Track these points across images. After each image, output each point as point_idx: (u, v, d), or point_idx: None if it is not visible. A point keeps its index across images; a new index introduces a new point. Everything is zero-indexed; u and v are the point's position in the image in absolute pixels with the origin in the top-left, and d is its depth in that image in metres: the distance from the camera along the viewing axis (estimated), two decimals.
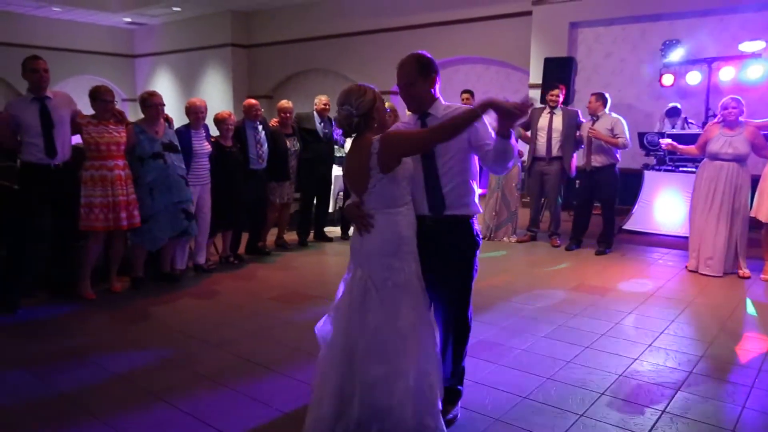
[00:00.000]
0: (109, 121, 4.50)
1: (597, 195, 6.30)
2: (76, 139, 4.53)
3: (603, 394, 3.01)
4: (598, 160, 6.13)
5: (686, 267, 5.57)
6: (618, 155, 6.17)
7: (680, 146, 5.70)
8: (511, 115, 2.28)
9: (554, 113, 6.48)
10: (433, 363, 2.44)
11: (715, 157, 5.28)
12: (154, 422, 2.73)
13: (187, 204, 4.82)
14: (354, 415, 2.37)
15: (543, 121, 6.51)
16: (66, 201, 4.40)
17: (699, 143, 5.47)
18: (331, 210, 7.01)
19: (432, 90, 2.53)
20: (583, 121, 6.41)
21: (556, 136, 6.44)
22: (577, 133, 6.36)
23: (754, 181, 5.29)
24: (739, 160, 5.21)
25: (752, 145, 5.17)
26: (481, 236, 2.67)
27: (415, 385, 2.35)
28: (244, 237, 6.02)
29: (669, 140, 5.80)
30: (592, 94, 6.26)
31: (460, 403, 2.79)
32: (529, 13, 8.91)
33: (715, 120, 5.46)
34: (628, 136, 6.05)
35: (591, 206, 6.43)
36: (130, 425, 2.70)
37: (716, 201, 5.27)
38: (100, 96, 4.47)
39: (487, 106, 2.29)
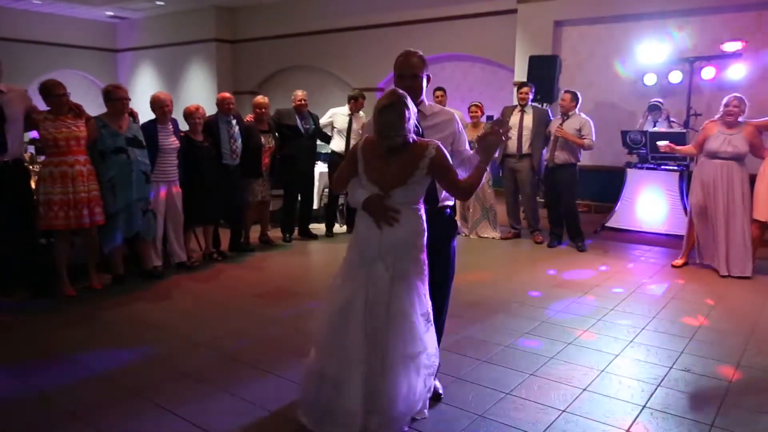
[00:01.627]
0: (67, 115, 4.34)
1: (559, 193, 6.37)
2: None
3: (585, 389, 3.04)
4: (560, 158, 6.23)
5: (677, 262, 5.62)
6: (580, 155, 6.31)
7: (678, 147, 5.64)
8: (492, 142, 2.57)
9: (525, 111, 6.59)
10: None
11: (714, 155, 5.20)
12: (137, 422, 2.71)
13: (145, 202, 4.72)
14: (378, 390, 2.43)
15: (514, 118, 6.60)
16: (22, 199, 4.28)
17: (697, 141, 5.42)
18: (315, 207, 6.97)
19: (423, 88, 2.71)
20: (553, 118, 6.55)
21: (527, 134, 6.54)
22: (547, 130, 6.47)
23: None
24: (738, 158, 5.16)
25: (750, 145, 5.13)
26: (460, 227, 2.84)
27: (428, 362, 2.52)
28: (227, 234, 5.98)
29: (666, 142, 5.69)
30: (566, 92, 6.36)
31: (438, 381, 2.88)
32: (515, 11, 8.94)
33: (714, 117, 5.35)
34: (594, 138, 6.19)
35: (557, 200, 6.46)
36: (112, 425, 2.68)
37: (717, 200, 5.19)
38: (51, 91, 4.29)
39: (487, 155, 2.59)
